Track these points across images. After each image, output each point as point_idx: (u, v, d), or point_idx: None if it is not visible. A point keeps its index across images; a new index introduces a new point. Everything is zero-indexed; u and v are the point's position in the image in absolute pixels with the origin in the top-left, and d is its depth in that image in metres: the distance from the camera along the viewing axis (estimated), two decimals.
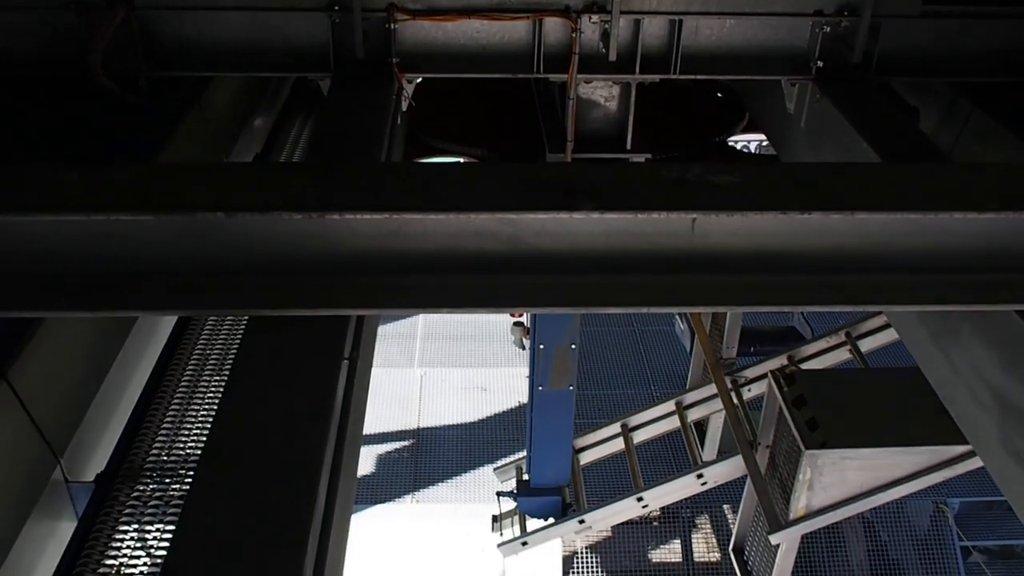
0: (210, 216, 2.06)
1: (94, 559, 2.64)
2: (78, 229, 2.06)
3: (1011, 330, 2.95)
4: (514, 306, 2.32)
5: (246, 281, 2.19)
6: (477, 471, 11.81)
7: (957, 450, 6.32)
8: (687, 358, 10.07)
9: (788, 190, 2.26)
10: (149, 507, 2.82)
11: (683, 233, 2.23)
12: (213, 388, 3.21)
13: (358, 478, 5.09)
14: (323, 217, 2.09)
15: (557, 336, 7.89)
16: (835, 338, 8.42)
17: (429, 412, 12.80)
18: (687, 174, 2.26)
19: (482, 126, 5.71)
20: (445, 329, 14.23)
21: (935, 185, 2.34)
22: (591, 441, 9.47)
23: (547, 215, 2.15)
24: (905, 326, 3.82)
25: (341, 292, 2.23)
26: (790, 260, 2.31)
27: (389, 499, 11.73)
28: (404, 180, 2.18)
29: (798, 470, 6.41)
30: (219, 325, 3.46)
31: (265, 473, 2.57)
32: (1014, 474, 3.14)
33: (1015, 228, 2.32)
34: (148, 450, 3.01)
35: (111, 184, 2.08)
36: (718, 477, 8.22)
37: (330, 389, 2.79)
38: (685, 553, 11.57)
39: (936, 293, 2.41)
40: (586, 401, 12.14)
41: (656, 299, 2.31)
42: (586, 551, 11.26)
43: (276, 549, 2.38)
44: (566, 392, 8.37)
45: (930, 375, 3.63)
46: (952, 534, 11.85)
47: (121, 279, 2.15)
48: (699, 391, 9.04)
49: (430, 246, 2.19)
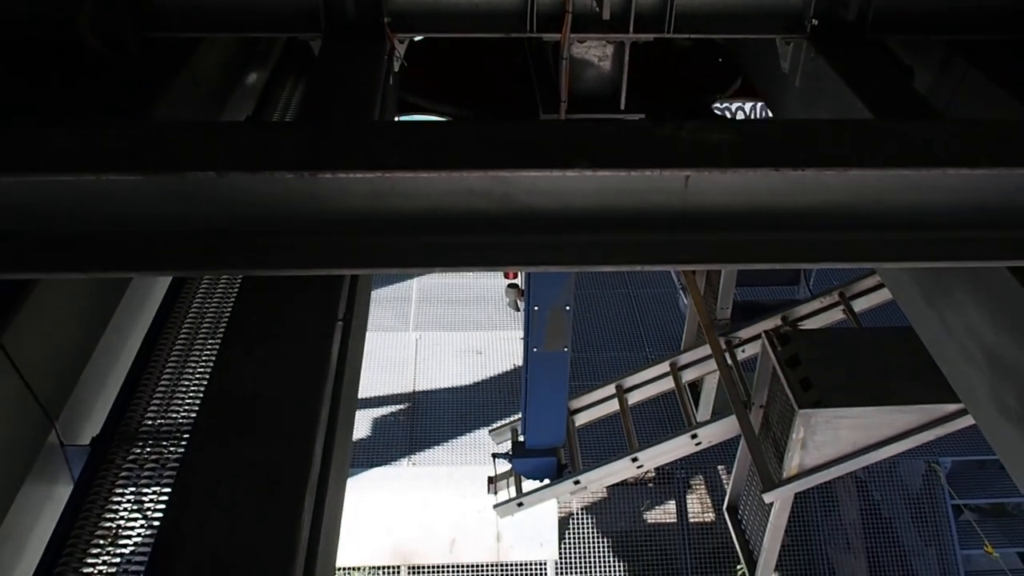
0: (201, 176, 2.05)
1: (91, 521, 2.66)
2: (68, 189, 2.05)
3: (1003, 287, 2.95)
4: (507, 265, 2.32)
5: (238, 241, 2.18)
6: (473, 434, 11.87)
7: (949, 408, 6.36)
8: (681, 320, 10.10)
9: (781, 147, 2.25)
10: (145, 470, 2.82)
11: (676, 190, 2.23)
12: (208, 350, 3.21)
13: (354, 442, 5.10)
14: (314, 176, 2.08)
15: (551, 298, 7.90)
16: (829, 298, 8.45)
17: (424, 376, 12.83)
18: (680, 131, 2.25)
19: (475, 88, 5.68)
20: (440, 293, 14.24)
21: (928, 141, 2.33)
22: (586, 403, 9.50)
23: (540, 173, 2.14)
24: (898, 285, 3.83)
25: (333, 252, 2.22)
26: (783, 217, 2.31)
27: (385, 463, 11.79)
28: (396, 139, 2.17)
29: (791, 429, 6.45)
30: (213, 287, 3.46)
31: (261, 434, 2.58)
32: (1005, 431, 3.16)
33: (1008, 184, 2.32)
34: (144, 413, 3.01)
35: (101, 144, 2.07)
36: (712, 437, 8.26)
37: (324, 350, 2.80)
38: (680, 514, 11.66)
39: (929, 250, 2.42)
40: (581, 364, 12.18)
41: (649, 257, 2.31)
42: (582, 512, 11.35)
43: (272, 510, 2.39)
44: (561, 354, 8.39)
45: (922, 334, 3.64)
46: (944, 493, 11.95)
47: (113, 240, 2.14)
48: (693, 352, 9.06)
49: (422, 205, 2.18)
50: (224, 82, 4.33)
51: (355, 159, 2.10)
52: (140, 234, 2.16)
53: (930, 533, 12.07)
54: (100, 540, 2.61)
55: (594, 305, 13.95)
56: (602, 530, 11.31)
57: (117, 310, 3.26)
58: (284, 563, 2.27)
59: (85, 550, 2.58)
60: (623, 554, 11.20)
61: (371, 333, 10.10)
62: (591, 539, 11.33)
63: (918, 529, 12.12)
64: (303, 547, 2.36)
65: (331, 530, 2.72)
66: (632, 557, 11.20)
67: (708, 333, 8.48)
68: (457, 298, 14.10)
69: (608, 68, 4.54)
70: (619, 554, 11.20)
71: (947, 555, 11.67)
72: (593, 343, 13.21)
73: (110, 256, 2.15)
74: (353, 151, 2.12)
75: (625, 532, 11.38)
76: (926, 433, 6.54)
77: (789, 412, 6.45)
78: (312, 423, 2.60)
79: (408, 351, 13.14)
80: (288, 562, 2.28)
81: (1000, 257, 2.45)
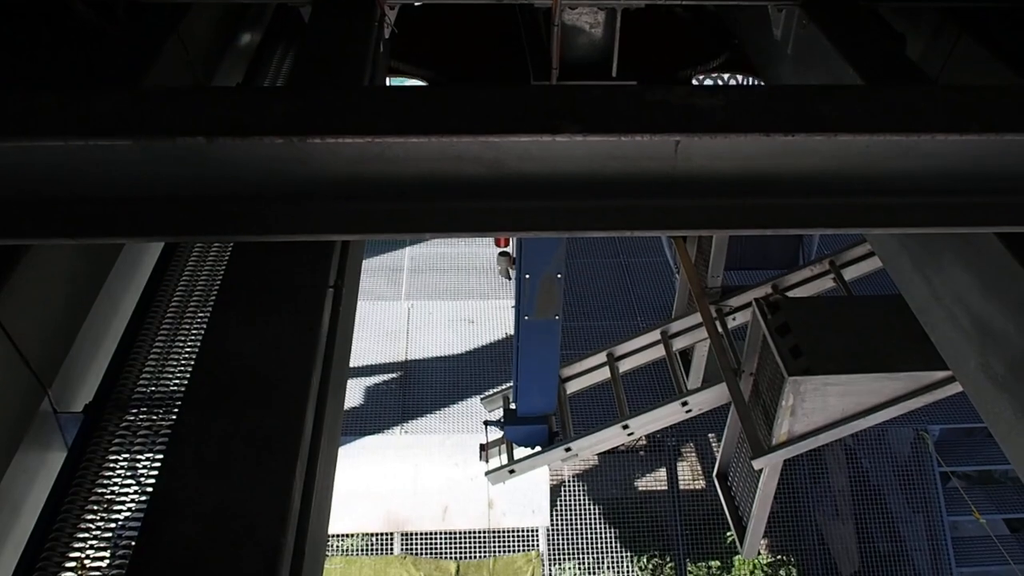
0: (190, 141, 2.04)
1: (85, 488, 2.67)
2: (56, 154, 2.04)
3: (991, 253, 2.97)
4: (498, 231, 2.32)
5: (228, 207, 2.18)
6: (464, 402, 11.91)
7: (938, 375, 6.40)
8: (673, 289, 10.11)
9: (771, 112, 2.25)
10: (139, 437, 2.84)
11: (666, 156, 2.23)
12: (200, 317, 3.22)
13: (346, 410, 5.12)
14: (304, 141, 2.07)
15: (543, 266, 7.90)
16: (819, 267, 8.46)
17: (416, 344, 12.86)
18: (671, 97, 2.25)
19: (467, 55, 5.65)
20: (432, 262, 14.24)
21: (918, 107, 2.33)
22: (577, 370, 9.52)
23: (530, 138, 2.14)
24: (887, 252, 3.84)
25: (324, 217, 2.22)
26: (773, 182, 2.32)
27: (378, 431, 11.83)
28: (386, 104, 2.16)
29: (781, 396, 6.49)
30: (205, 254, 3.46)
31: (252, 401, 2.59)
32: (992, 397, 3.19)
33: (997, 149, 2.32)
34: (136, 380, 3.02)
35: (90, 109, 2.06)
36: (702, 404, 8.30)
37: (316, 317, 2.80)
38: (670, 481, 11.74)
39: (918, 216, 2.42)
40: (572, 332, 12.21)
41: (640, 223, 2.32)
42: (573, 480, 11.42)
43: (264, 476, 2.41)
44: (552, 322, 8.40)
45: (912, 301, 3.66)
46: (932, 460, 12.05)
47: (102, 205, 2.14)
48: (684, 320, 9.07)
49: (412, 170, 2.18)
50: (214, 49, 4.30)
51: (344, 124, 2.10)
52: (130, 200, 2.15)
53: (918, 500, 12.18)
54: (94, 506, 2.63)
55: (586, 274, 13.97)
56: (593, 497, 11.38)
57: (108, 277, 3.26)
58: (276, 528, 2.29)
59: (79, 516, 2.60)
60: (614, 521, 11.29)
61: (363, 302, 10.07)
62: (582, 506, 11.41)
63: (906, 496, 12.22)
64: (295, 512, 2.38)
65: (323, 496, 2.74)
66: (623, 524, 11.29)
67: (699, 301, 8.49)
68: (449, 267, 14.10)
69: (600, 35, 4.52)
70: (610, 521, 11.28)
71: (934, 522, 11.79)
72: (585, 312, 13.24)
73: (99, 222, 2.15)
74: (342, 116, 2.12)
75: (616, 499, 11.45)
76: (915, 400, 6.58)
77: (779, 379, 6.49)
78: (304, 389, 2.61)
79: (400, 320, 13.16)
80: (280, 527, 2.30)
81: (989, 223, 2.46)
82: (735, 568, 11.14)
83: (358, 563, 10.68)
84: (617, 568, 11.06)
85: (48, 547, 2.49)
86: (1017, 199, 2.42)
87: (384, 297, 13.47)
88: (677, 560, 11.20)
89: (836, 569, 11.55)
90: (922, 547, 11.73)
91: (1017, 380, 3.02)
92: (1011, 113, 2.32)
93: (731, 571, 11.13)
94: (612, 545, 11.20)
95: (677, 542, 11.37)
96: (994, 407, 3.19)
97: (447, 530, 11.00)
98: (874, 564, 11.59)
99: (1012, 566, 11.27)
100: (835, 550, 11.67)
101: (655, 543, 11.20)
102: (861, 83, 3.45)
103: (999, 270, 2.97)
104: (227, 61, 4.40)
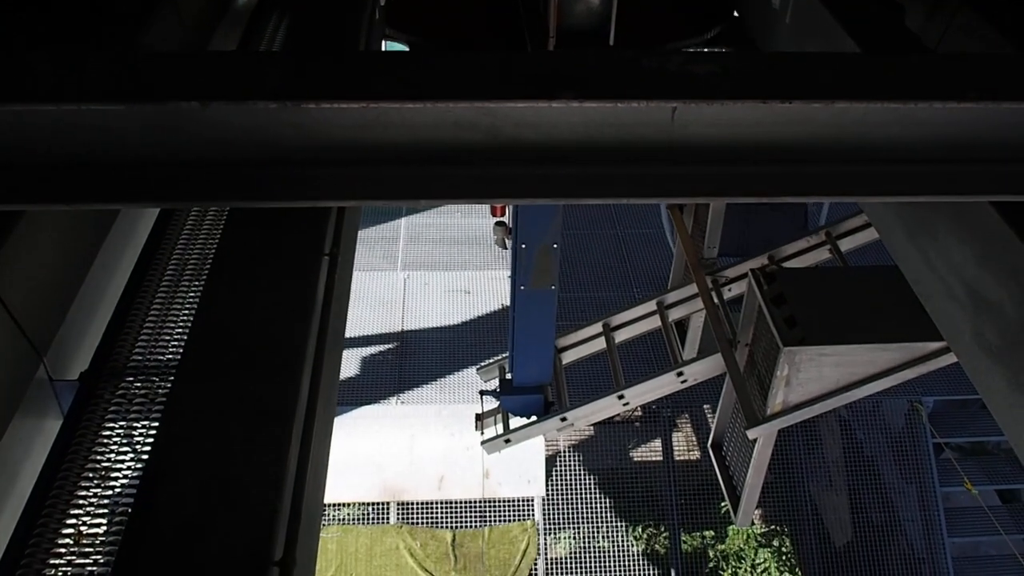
0: (184, 105, 2.02)
1: (81, 455, 2.68)
2: (48, 119, 2.03)
3: (986, 223, 2.97)
4: (494, 198, 2.31)
5: (222, 173, 2.17)
6: (461, 372, 11.94)
7: (932, 346, 6.42)
8: (669, 260, 10.11)
9: (769, 79, 2.24)
10: (135, 404, 2.84)
11: (663, 123, 2.22)
12: (196, 284, 3.22)
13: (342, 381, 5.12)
14: (299, 106, 2.06)
15: (539, 235, 7.89)
16: (815, 238, 8.45)
17: (412, 315, 12.87)
18: (667, 63, 2.23)
19: (462, 22, 5.62)
20: (428, 232, 14.22)
21: (916, 75, 2.32)
22: (573, 341, 9.54)
23: (526, 104, 2.12)
24: (883, 222, 3.84)
25: (319, 183, 2.21)
26: (769, 150, 2.31)
27: (374, 401, 11.86)
28: (381, 69, 2.15)
29: (776, 367, 6.50)
30: (200, 222, 3.45)
31: (248, 368, 2.60)
32: (986, 367, 3.20)
33: (995, 118, 2.32)
34: (132, 348, 3.02)
35: (82, 73, 2.04)
36: (698, 375, 8.33)
37: (311, 285, 2.80)
38: (665, 451, 11.80)
39: (913, 184, 2.42)
40: (569, 303, 12.23)
41: (635, 190, 2.31)
42: (569, 450, 11.47)
43: (260, 442, 2.41)
44: (548, 292, 8.41)
45: (907, 271, 3.66)
46: (926, 432, 12.10)
47: (96, 171, 2.13)
48: (680, 291, 9.08)
49: (409, 136, 2.17)
50: (207, 15, 4.27)
51: (340, 89, 2.08)
52: (123, 165, 2.14)
53: (911, 471, 12.25)
54: (90, 473, 2.63)
55: (582, 246, 13.96)
56: (589, 467, 11.43)
57: (104, 244, 3.25)
58: (272, 494, 2.30)
59: (76, 483, 2.61)
60: (609, 491, 11.34)
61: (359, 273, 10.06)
62: (578, 476, 11.46)
63: (899, 467, 12.29)
64: (291, 478, 2.39)
65: (319, 462, 2.75)
66: (618, 494, 11.35)
67: (695, 272, 8.49)
68: (445, 237, 14.08)
69: (597, 3, 4.49)
70: (605, 491, 11.34)
71: (927, 492, 11.87)
72: (581, 283, 13.25)
73: (93, 187, 2.14)
74: (338, 81, 2.10)
75: (611, 469, 11.50)
76: (909, 371, 6.60)
77: (774, 350, 6.50)
78: (299, 356, 2.62)
79: (396, 291, 13.16)
80: (276, 493, 2.31)
81: (985, 192, 2.46)
82: (729, 538, 11.21)
83: (355, 532, 10.74)
84: (612, 537, 11.13)
85: (45, 515, 2.50)
86: (1014, 168, 2.42)
87: (380, 268, 13.46)
88: (671, 529, 11.27)
89: (829, 539, 11.64)
90: (914, 517, 11.82)
91: (1011, 351, 3.03)
92: (1009, 81, 2.31)
93: (725, 541, 11.20)
94: (607, 515, 11.26)
95: (671, 512, 11.43)
96: (988, 378, 3.19)
97: (443, 500, 11.06)
98: (867, 534, 11.67)
99: (1003, 536, 11.37)
100: (828, 520, 11.75)
101: (650, 513, 11.26)
102: (859, 52, 3.43)
103: (994, 240, 2.97)
104: (222, 26, 4.36)
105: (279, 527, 2.24)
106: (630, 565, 11.07)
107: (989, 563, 12.17)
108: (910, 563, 11.49)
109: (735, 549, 11.10)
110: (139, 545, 2.17)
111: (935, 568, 11.48)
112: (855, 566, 11.46)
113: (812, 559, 11.35)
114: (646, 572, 11.01)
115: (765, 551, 11.10)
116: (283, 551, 2.21)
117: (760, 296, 6.68)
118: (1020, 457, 3.21)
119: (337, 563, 10.52)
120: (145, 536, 2.19)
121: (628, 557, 11.08)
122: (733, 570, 10.97)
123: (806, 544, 11.45)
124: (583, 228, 14.21)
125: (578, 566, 11.02)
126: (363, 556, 10.63)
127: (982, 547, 12.35)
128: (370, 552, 10.67)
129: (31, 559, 2.40)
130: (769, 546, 11.18)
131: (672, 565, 11.03)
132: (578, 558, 11.03)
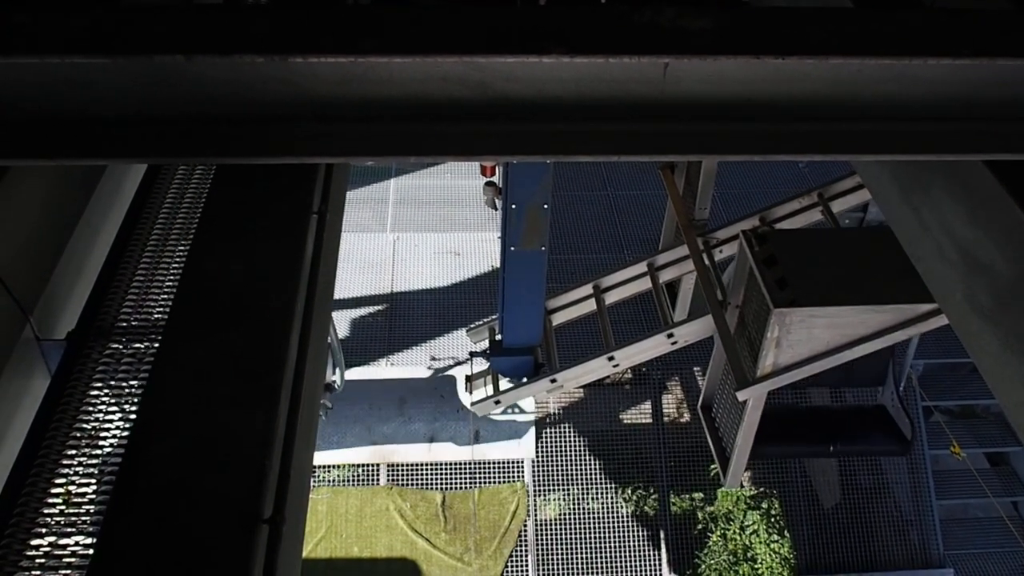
0: (169, 59, 1.99)
1: (69, 415, 2.67)
2: (31, 72, 1.99)
3: (979, 182, 2.95)
4: (483, 154, 2.28)
5: (208, 128, 2.14)
6: (450, 334, 11.92)
7: (923, 308, 6.43)
8: (660, 223, 10.08)
9: (763, 34, 2.21)
10: (122, 364, 2.83)
11: (655, 79, 2.19)
12: (183, 243, 3.19)
13: None
14: (285, 60, 2.03)
15: (529, 195, 7.87)
16: (807, 199, 8.44)
17: (402, 276, 12.82)
18: (660, 18, 2.20)
19: None
20: (417, 194, 14.14)
21: (910, 31, 2.29)
22: (563, 302, 9.55)
23: (515, 59, 2.09)
24: (876, 182, 3.82)
25: (307, 140, 2.18)
26: (762, 107, 2.28)
27: (364, 362, 11.85)
28: (369, 22, 2.11)
29: (766, 328, 6.51)
30: (187, 180, 3.42)
31: (236, 326, 2.58)
32: (977, 329, 3.19)
33: (989, 75, 2.30)
34: (119, 307, 3.01)
35: (65, 26, 2.00)
36: (688, 336, 8.34)
37: (299, 243, 2.78)
38: (655, 414, 11.81)
39: (907, 143, 2.40)
40: (559, 265, 12.20)
41: (626, 148, 2.28)
42: (559, 413, 11.48)
43: (249, 400, 2.40)
44: (538, 253, 8.40)
45: (899, 232, 3.65)
46: (915, 394, 12.14)
47: (79, 126, 2.10)
48: (670, 252, 9.07)
49: (397, 92, 2.14)
50: None
51: (326, 42, 2.05)
52: (108, 120, 2.11)
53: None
54: (78, 433, 2.63)
55: (573, 208, 13.89)
56: (579, 430, 11.46)
57: (90, 203, 3.22)
58: (261, 453, 2.29)
59: (64, 442, 2.60)
60: (599, 453, 11.37)
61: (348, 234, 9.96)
62: (568, 438, 11.48)
63: None
64: (280, 436, 2.38)
65: (308, 421, 2.74)
66: (607, 456, 11.37)
67: (686, 233, 8.48)
68: (435, 199, 14.00)
69: None
70: (595, 453, 11.37)
71: (916, 455, 11.92)
72: (571, 245, 13.20)
73: (77, 143, 2.10)
74: (325, 35, 2.07)
75: (601, 432, 11.52)
76: (899, 333, 6.62)
77: (764, 311, 6.51)
78: (288, 315, 2.60)
79: (386, 252, 13.10)
80: (266, 451, 2.30)
81: (978, 150, 2.44)
82: (718, 500, 11.28)
83: (345, 493, 10.76)
84: (601, 499, 11.18)
85: (34, 474, 2.50)
86: (1008, 127, 2.40)
87: (369, 229, 13.38)
88: (661, 491, 11.32)
89: (818, 501, 11.72)
90: (903, 480, 11.88)
91: (1003, 312, 3.02)
92: (1005, 38, 2.29)
93: (714, 503, 11.27)
94: (596, 477, 11.30)
95: (661, 474, 11.47)
96: (979, 339, 3.19)
97: (433, 461, 11.08)
98: (855, 497, 11.74)
99: (991, 499, 11.47)
100: (817, 483, 11.81)
101: (639, 475, 11.30)
102: (853, 8, 3.39)
103: (987, 199, 2.95)
104: None
105: (268, 486, 2.23)
106: (619, 527, 11.14)
107: (977, 525, 12.29)
108: (898, 525, 11.57)
109: (724, 511, 11.16)
110: (127, 504, 2.17)
111: (923, 530, 11.57)
112: (844, 528, 11.54)
113: (801, 521, 11.42)
114: (635, 534, 11.08)
115: (754, 513, 11.17)
116: (272, 509, 2.21)
117: (751, 257, 6.67)
118: (1009, 419, 3.22)
119: (328, 524, 10.57)
120: (134, 492, 2.19)
121: (617, 519, 11.14)
122: (722, 532, 11.05)
123: (795, 506, 11.50)
124: (574, 190, 14.13)
125: (567, 528, 11.08)
126: (353, 517, 10.67)
127: (970, 510, 12.46)
128: (360, 513, 10.71)
129: (19, 518, 2.40)
130: (758, 508, 11.24)
131: (661, 527, 11.09)
132: (567, 520, 11.09)
